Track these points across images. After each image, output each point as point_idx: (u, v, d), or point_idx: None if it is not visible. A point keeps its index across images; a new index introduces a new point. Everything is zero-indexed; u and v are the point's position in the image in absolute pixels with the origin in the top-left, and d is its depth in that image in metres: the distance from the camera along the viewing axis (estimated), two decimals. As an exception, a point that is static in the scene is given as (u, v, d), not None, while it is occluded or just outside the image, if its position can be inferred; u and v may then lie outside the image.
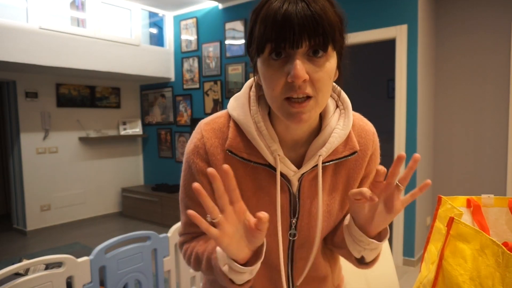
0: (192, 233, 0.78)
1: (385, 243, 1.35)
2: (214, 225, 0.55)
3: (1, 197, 5.37)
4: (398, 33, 3.11)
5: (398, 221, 3.23)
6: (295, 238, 0.74)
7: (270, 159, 0.68)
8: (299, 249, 0.75)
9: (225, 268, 0.61)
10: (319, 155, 0.68)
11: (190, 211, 0.52)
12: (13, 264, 1.25)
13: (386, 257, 1.33)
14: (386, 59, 5.27)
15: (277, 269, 0.75)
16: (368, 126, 0.78)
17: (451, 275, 0.72)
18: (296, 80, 0.56)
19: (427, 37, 3.25)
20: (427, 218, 3.45)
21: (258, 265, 0.61)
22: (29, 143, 4.38)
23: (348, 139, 0.72)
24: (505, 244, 0.77)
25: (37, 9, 3.69)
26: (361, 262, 0.73)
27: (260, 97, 0.71)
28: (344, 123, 0.71)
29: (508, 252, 0.64)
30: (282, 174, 0.70)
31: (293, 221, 0.73)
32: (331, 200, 0.74)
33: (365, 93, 5.96)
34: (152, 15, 4.98)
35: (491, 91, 3.19)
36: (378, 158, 0.79)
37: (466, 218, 0.88)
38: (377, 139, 0.78)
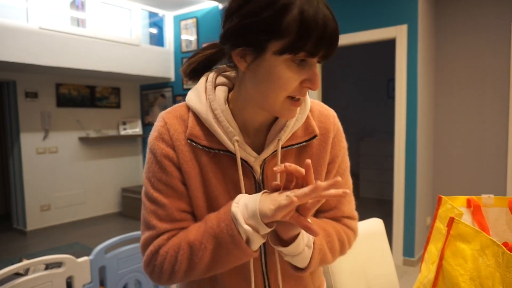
0: (170, 230, 0.70)
1: (385, 243, 1.35)
2: None
3: (1, 197, 5.37)
4: (398, 33, 3.11)
5: (398, 221, 3.23)
6: None
7: (229, 145, 0.69)
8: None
9: (247, 228, 0.60)
10: (278, 139, 0.70)
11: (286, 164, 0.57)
12: (13, 264, 1.25)
13: (386, 257, 1.33)
14: (386, 59, 5.28)
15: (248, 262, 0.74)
16: (328, 111, 0.79)
17: (451, 275, 0.72)
18: (316, 88, 0.62)
19: (427, 37, 3.25)
20: (427, 218, 3.45)
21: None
22: (29, 143, 4.38)
23: (307, 124, 0.74)
24: (505, 244, 0.77)
25: (37, 9, 3.69)
26: (297, 269, 0.71)
27: (216, 87, 0.72)
28: (301, 108, 0.73)
29: (508, 252, 0.64)
30: (244, 160, 0.71)
31: None
32: None
33: (365, 93, 5.96)
34: (152, 15, 4.98)
35: (491, 91, 3.19)
36: (342, 142, 0.79)
37: (466, 218, 0.88)
38: (338, 122, 0.79)
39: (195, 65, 0.75)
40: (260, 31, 0.58)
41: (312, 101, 0.78)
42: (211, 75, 0.74)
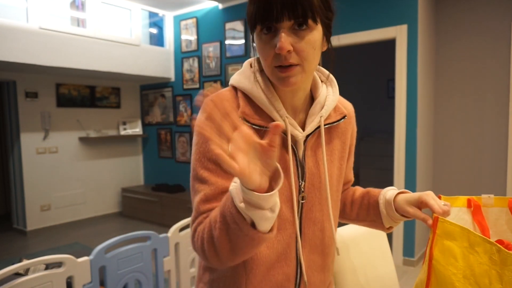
0: (209, 210, 0.71)
1: (385, 243, 1.35)
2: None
3: (1, 197, 5.37)
4: (398, 33, 3.11)
5: (398, 221, 3.23)
6: (304, 201, 0.78)
7: (281, 122, 0.72)
8: (308, 213, 0.79)
9: (241, 205, 0.56)
10: (321, 116, 0.77)
11: (216, 150, 0.49)
12: (13, 264, 1.25)
13: (386, 257, 1.33)
14: (386, 59, 5.27)
15: (289, 232, 0.76)
16: (346, 101, 0.89)
17: (443, 275, 0.71)
18: (281, 51, 0.64)
19: (427, 37, 3.25)
20: (427, 218, 3.45)
21: (277, 196, 0.57)
22: (29, 143, 4.38)
23: (336, 106, 0.82)
24: (501, 242, 0.77)
25: (37, 9, 3.69)
26: (389, 228, 0.90)
27: (262, 70, 0.78)
28: (333, 91, 0.82)
29: (506, 250, 0.63)
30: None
31: (302, 184, 0.77)
32: (330, 164, 0.82)
33: (365, 93, 5.96)
34: (152, 15, 4.98)
35: (491, 91, 3.19)
36: (356, 129, 0.91)
37: (467, 218, 0.88)
38: (353, 111, 0.90)
39: None
40: (247, 17, 0.70)
41: None
42: (254, 61, 0.80)
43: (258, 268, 0.74)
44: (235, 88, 0.77)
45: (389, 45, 3.44)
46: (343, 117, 0.81)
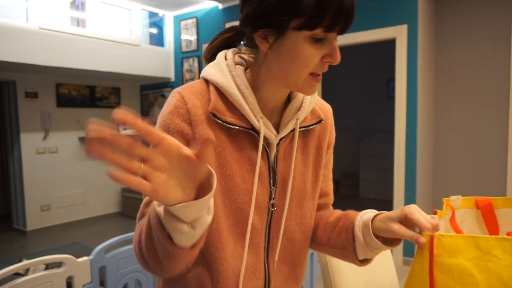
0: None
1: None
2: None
3: (1, 197, 5.37)
4: (398, 33, 3.11)
5: (398, 221, 3.23)
6: (274, 209, 0.72)
7: (254, 122, 0.68)
8: (277, 222, 0.73)
9: (159, 210, 0.51)
10: (297, 118, 0.72)
11: (112, 172, 0.42)
12: (13, 264, 1.25)
13: (386, 257, 1.33)
14: (386, 59, 5.28)
15: (256, 241, 0.71)
16: (325, 102, 0.84)
17: None
18: (337, 63, 0.63)
19: (427, 37, 3.25)
20: (427, 218, 3.45)
21: (200, 211, 0.49)
22: (29, 143, 4.38)
23: (313, 109, 0.77)
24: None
25: (37, 9, 3.69)
26: (363, 261, 0.74)
27: (235, 66, 0.72)
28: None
29: None
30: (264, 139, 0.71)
31: (273, 190, 0.72)
32: (305, 170, 0.77)
33: (365, 93, 5.97)
34: (152, 15, 4.98)
35: (491, 91, 3.19)
36: (334, 130, 0.85)
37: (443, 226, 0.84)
38: (332, 113, 0.84)
39: (215, 50, 0.75)
40: (280, 12, 0.59)
41: None
42: (229, 53, 0.72)
43: (225, 282, 0.69)
44: (207, 81, 0.71)
45: (389, 45, 3.44)
46: (319, 121, 0.76)
